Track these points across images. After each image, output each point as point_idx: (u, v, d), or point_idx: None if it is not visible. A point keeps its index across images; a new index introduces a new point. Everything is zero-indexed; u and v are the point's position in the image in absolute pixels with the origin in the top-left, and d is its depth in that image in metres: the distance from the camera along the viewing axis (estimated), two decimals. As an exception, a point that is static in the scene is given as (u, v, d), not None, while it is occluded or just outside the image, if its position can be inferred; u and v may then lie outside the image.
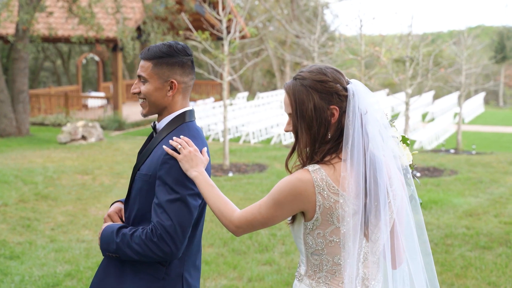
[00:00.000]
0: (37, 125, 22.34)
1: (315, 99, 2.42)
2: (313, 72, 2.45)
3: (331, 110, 2.43)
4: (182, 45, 2.90)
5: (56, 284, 6.21)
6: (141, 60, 2.88)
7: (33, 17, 18.06)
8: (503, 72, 46.20)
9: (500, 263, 6.89)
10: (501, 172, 12.72)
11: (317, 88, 2.42)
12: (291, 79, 2.52)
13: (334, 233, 2.39)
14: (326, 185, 2.38)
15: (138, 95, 2.92)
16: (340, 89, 2.43)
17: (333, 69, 2.47)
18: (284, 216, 2.46)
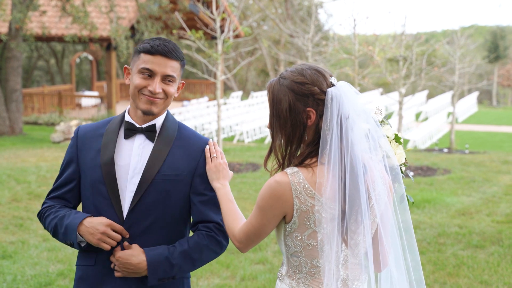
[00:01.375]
0: (30, 124, 22.28)
1: (291, 100, 2.39)
2: (294, 73, 2.43)
3: (307, 113, 2.39)
4: None
5: (49, 283, 6.20)
6: (166, 58, 2.72)
7: (26, 16, 18.03)
8: (496, 72, 46.37)
9: (492, 262, 6.91)
10: (494, 171, 12.76)
11: (293, 89, 2.39)
12: (276, 77, 2.51)
13: (311, 236, 2.38)
14: (303, 188, 2.35)
15: (159, 95, 2.74)
16: (317, 92, 2.38)
17: (316, 70, 2.42)
18: (272, 223, 2.41)
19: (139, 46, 2.79)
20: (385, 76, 14.40)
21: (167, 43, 2.75)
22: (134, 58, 2.79)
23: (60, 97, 23.93)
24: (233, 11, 17.59)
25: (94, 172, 2.76)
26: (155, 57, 2.73)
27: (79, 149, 2.83)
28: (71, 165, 2.84)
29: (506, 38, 46.36)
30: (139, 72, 2.74)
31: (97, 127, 2.88)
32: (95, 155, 2.79)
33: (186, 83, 31.47)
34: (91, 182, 2.77)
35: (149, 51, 2.73)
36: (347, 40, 17.72)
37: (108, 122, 2.89)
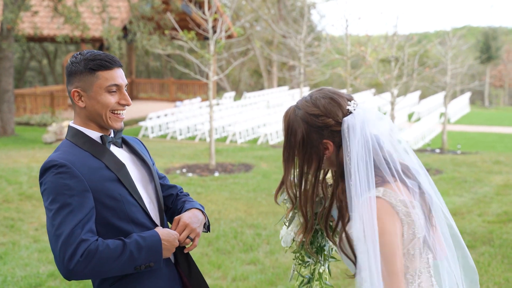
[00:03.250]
0: (22, 125, 22.21)
1: (305, 132, 2.32)
2: (308, 103, 2.34)
3: (324, 144, 2.32)
4: None
5: (39, 284, 6.18)
6: (118, 69, 2.73)
7: (18, 16, 17.97)
8: (488, 72, 46.54)
9: (483, 262, 6.93)
10: (485, 172, 12.80)
11: (307, 121, 2.32)
12: (292, 105, 2.42)
13: (415, 244, 2.30)
14: (400, 202, 2.27)
15: (124, 107, 2.78)
16: (332, 124, 2.30)
17: (331, 99, 2.32)
18: (400, 247, 2.27)
19: (89, 65, 2.67)
20: (377, 77, 14.42)
21: (109, 54, 2.73)
22: (88, 79, 2.68)
23: (53, 97, 23.87)
24: (226, 11, 17.58)
25: (113, 186, 2.69)
26: (114, 70, 2.71)
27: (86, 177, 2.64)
28: (86, 194, 2.62)
29: (498, 39, 46.51)
30: (108, 91, 2.69)
31: (77, 153, 2.72)
32: (103, 172, 2.70)
33: (179, 84, 31.42)
34: (114, 196, 2.69)
35: (106, 66, 2.68)
36: (340, 41, 17.74)
37: (69, 146, 2.73)
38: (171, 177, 12.08)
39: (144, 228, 2.73)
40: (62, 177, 2.57)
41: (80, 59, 2.70)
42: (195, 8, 14.35)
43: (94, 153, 2.70)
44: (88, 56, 2.69)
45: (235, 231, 8.13)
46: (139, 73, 39.43)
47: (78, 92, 2.70)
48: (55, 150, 2.73)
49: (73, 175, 2.59)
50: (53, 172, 2.58)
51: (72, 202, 2.54)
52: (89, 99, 2.69)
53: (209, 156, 13.31)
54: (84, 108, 2.71)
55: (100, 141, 2.75)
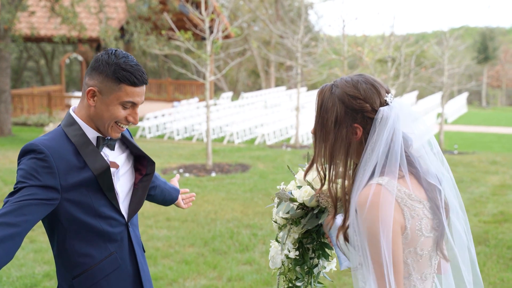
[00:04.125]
0: (19, 125, 22.19)
1: (339, 112, 2.23)
2: (348, 83, 2.25)
3: (354, 128, 2.23)
4: None
5: (34, 284, 6.17)
6: (143, 86, 2.68)
7: (15, 16, 17.95)
8: (485, 73, 46.59)
9: (478, 261, 6.91)
10: (482, 172, 12.82)
11: (344, 101, 2.23)
12: (329, 83, 2.33)
13: (424, 244, 2.20)
14: (405, 194, 2.18)
15: (129, 124, 2.74)
16: (368, 109, 2.21)
17: (372, 85, 2.24)
18: (399, 242, 2.15)
19: (118, 73, 2.61)
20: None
21: (141, 68, 2.67)
22: (110, 85, 2.62)
23: (50, 98, 23.85)
24: (223, 11, 17.60)
25: (87, 186, 2.67)
26: (139, 88, 2.66)
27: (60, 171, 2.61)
28: (48, 190, 2.58)
29: (495, 39, 46.58)
30: (122, 105, 2.65)
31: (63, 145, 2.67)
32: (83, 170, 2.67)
33: (176, 84, 31.41)
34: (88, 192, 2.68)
35: (134, 83, 2.63)
36: (337, 41, 17.75)
37: (59, 135, 2.69)
38: (168, 177, 12.08)
39: (112, 220, 2.72)
40: (36, 163, 2.54)
41: (112, 62, 2.62)
42: (192, 8, 14.35)
43: (80, 149, 2.66)
44: (121, 63, 2.62)
45: (231, 231, 8.13)
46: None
47: (94, 91, 2.64)
48: (45, 135, 2.69)
49: (48, 165, 2.55)
50: (31, 156, 2.56)
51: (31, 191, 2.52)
52: (101, 103, 2.64)
53: (206, 156, 13.32)
54: (92, 107, 2.67)
55: (95, 141, 2.71)
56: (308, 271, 2.70)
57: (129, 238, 2.82)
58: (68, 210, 2.62)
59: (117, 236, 2.75)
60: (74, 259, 2.69)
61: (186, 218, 8.78)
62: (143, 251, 2.96)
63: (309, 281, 2.72)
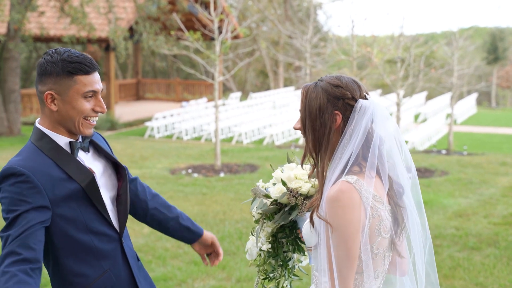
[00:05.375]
0: (29, 125, 22.26)
1: (322, 100, 2.40)
2: (332, 77, 2.46)
3: (334, 115, 2.39)
4: None
5: (44, 285, 6.19)
6: (96, 73, 2.62)
7: (25, 16, 18.02)
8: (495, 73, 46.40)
9: (488, 264, 6.91)
10: (491, 173, 12.76)
11: (327, 90, 2.40)
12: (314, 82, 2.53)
13: (380, 244, 2.33)
14: (370, 194, 2.31)
15: (98, 114, 2.66)
16: (348, 96, 2.39)
17: (354, 81, 2.44)
18: (357, 241, 2.29)
19: (67, 67, 2.54)
20: (384, 78, 14.40)
21: (88, 56, 2.61)
22: (64, 82, 2.55)
23: (59, 97, 23.92)
24: (232, 12, 17.60)
25: (75, 197, 2.60)
26: (93, 75, 2.60)
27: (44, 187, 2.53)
28: (41, 209, 2.50)
29: (505, 39, 46.37)
30: (84, 97, 2.58)
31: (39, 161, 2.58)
32: (65, 182, 2.58)
33: (185, 84, 31.45)
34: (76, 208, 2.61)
35: (86, 70, 2.57)
36: (346, 42, 17.72)
37: (33, 151, 2.61)
38: (176, 178, 12.10)
39: (104, 236, 2.66)
40: (21, 187, 2.47)
41: (57, 59, 2.55)
42: (201, 9, 14.36)
43: (58, 162, 2.58)
44: (66, 57, 2.56)
45: (240, 232, 8.13)
46: (145, 73, 39.50)
47: (52, 94, 2.57)
48: (17, 154, 2.61)
49: (32, 185, 2.48)
50: (11, 181, 2.48)
51: (26, 216, 2.44)
52: (63, 103, 2.58)
53: (215, 156, 13.32)
54: (55, 112, 2.59)
55: (68, 147, 2.63)
56: (282, 264, 2.82)
57: (123, 253, 2.74)
58: (59, 227, 2.56)
59: (111, 253, 2.68)
60: (69, 278, 2.62)
61: (195, 218, 8.79)
62: (138, 261, 2.88)
63: (282, 273, 2.83)
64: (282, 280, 2.84)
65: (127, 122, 22.98)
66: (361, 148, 2.34)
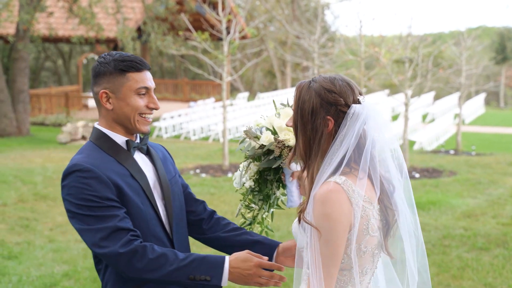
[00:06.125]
0: (37, 125, 22.37)
1: (315, 104, 2.38)
2: (325, 79, 2.42)
3: (326, 120, 2.38)
4: None
5: (54, 284, 6.23)
6: (147, 71, 2.70)
7: (34, 17, 18.10)
8: (503, 73, 46.20)
9: (496, 264, 6.90)
10: (500, 173, 12.72)
11: (320, 94, 2.38)
12: (307, 80, 2.51)
13: (368, 242, 2.36)
14: (358, 195, 2.33)
15: (152, 111, 2.72)
16: (341, 103, 2.37)
17: (348, 83, 2.41)
18: (344, 240, 2.33)
19: (119, 66, 2.62)
20: (391, 78, 14.38)
21: (138, 56, 2.69)
22: (117, 80, 2.62)
23: (67, 98, 24.02)
24: (240, 12, 17.61)
25: (137, 195, 2.64)
26: (144, 73, 2.67)
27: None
28: (112, 202, 2.56)
29: (513, 39, 46.16)
30: (137, 93, 2.64)
31: (99, 158, 2.64)
32: (127, 180, 2.63)
33: (193, 84, 31.50)
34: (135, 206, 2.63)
35: (137, 67, 2.64)
36: (353, 42, 17.71)
37: (93, 149, 2.67)
38: (184, 178, 12.11)
39: (161, 243, 2.65)
40: (89, 182, 2.52)
41: (110, 60, 2.64)
42: (209, 9, 14.39)
43: (118, 159, 2.64)
44: (118, 57, 2.64)
45: (248, 232, 8.13)
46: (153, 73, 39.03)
47: (107, 93, 2.64)
48: (78, 152, 2.66)
49: (99, 179, 2.53)
50: (78, 176, 2.53)
51: (99, 213, 2.50)
52: (118, 101, 2.64)
53: (223, 156, 13.34)
54: (111, 110, 2.66)
55: (125, 146, 2.69)
56: (263, 198, 2.95)
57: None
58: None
59: None
60: (122, 279, 2.62)
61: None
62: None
63: (262, 206, 2.97)
64: (261, 213, 2.97)
65: (135, 122, 23.02)
66: (352, 152, 2.35)
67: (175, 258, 2.49)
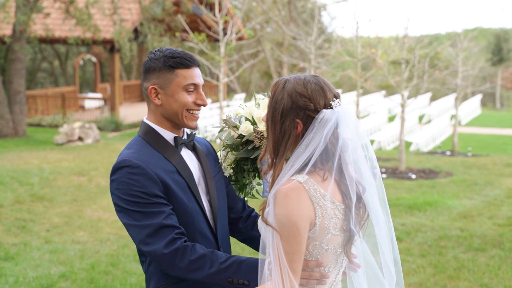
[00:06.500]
0: (34, 126, 22.34)
1: (286, 105, 2.39)
2: (299, 81, 2.42)
3: (295, 123, 2.39)
4: None
5: (50, 285, 6.23)
6: (196, 68, 2.73)
7: (30, 18, 18.07)
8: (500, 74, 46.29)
9: (493, 265, 6.92)
10: (496, 174, 12.75)
11: (292, 97, 2.39)
12: (285, 78, 2.51)
13: (330, 241, 2.38)
14: (320, 194, 2.35)
15: (200, 107, 2.76)
16: (311, 108, 2.38)
17: (321, 87, 2.41)
18: (305, 237, 2.35)
19: (168, 62, 2.66)
20: (388, 79, 14.40)
21: (188, 53, 2.71)
22: (166, 76, 2.67)
23: (64, 99, 23.99)
24: (236, 13, 17.61)
25: (184, 191, 2.67)
26: (193, 70, 2.70)
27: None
28: (160, 199, 2.60)
29: (509, 40, 46.28)
30: (185, 89, 2.68)
31: (147, 154, 2.67)
32: (173, 176, 2.66)
33: (190, 85, 31.46)
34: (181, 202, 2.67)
35: (186, 64, 2.68)
36: (350, 43, 17.72)
37: (142, 144, 2.71)
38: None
39: (206, 239, 2.69)
40: (137, 179, 2.56)
41: (159, 56, 2.68)
42: (205, 10, 14.38)
43: (166, 155, 2.68)
44: (168, 54, 2.68)
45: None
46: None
47: (156, 89, 2.68)
48: (127, 147, 2.70)
49: (148, 176, 2.57)
50: (127, 171, 2.57)
51: (146, 209, 2.54)
52: (166, 97, 2.68)
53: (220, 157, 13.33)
54: (160, 106, 2.70)
55: (173, 142, 2.73)
56: (240, 188, 3.03)
57: None
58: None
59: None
60: (164, 276, 2.67)
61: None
62: None
63: (238, 194, 3.05)
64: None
65: (132, 123, 23.02)
66: (319, 155, 2.35)
67: (215, 260, 2.53)
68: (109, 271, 6.64)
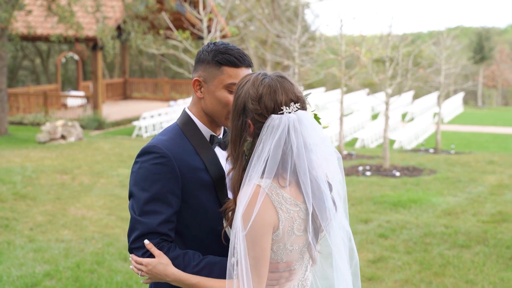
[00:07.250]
0: (15, 124, 22.14)
1: (239, 105, 2.39)
2: (256, 81, 2.38)
3: (247, 123, 2.38)
4: None
5: (35, 284, 6.17)
6: (246, 69, 2.61)
7: (12, 15, 17.90)
8: (481, 73, 46.71)
9: (477, 261, 6.96)
10: (479, 172, 12.84)
11: (244, 97, 2.37)
12: (259, 71, 2.46)
13: (294, 242, 2.38)
14: (282, 198, 2.34)
15: None
16: (258, 112, 2.34)
17: (275, 91, 2.34)
18: (269, 241, 2.35)
19: (217, 57, 2.58)
20: (372, 77, 14.46)
21: (242, 51, 2.62)
22: (212, 70, 2.59)
23: (46, 97, 23.80)
24: (220, 11, 17.57)
25: (205, 191, 2.60)
26: (241, 70, 2.59)
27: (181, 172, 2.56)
28: (175, 197, 2.55)
29: (491, 39, 46.69)
30: (226, 88, 2.58)
31: (180, 144, 2.62)
32: (201, 174, 2.60)
33: (173, 83, 31.40)
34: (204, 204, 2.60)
35: (234, 63, 2.57)
36: (334, 41, 17.76)
37: (177, 133, 2.65)
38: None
39: (218, 240, 2.57)
40: (160, 169, 2.52)
41: (212, 49, 2.60)
42: (189, 8, 14.33)
43: (198, 150, 2.61)
44: (221, 48, 2.59)
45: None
46: (132, 72, 39.37)
47: (199, 81, 2.62)
48: (162, 133, 2.65)
49: (171, 169, 2.52)
50: (153, 157, 2.53)
51: (160, 197, 2.50)
52: (208, 92, 2.61)
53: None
54: (201, 99, 2.63)
55: (209, 139, 2.66)
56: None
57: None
58: (183, 216, 2.57)
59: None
60: None
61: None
62: None
63: None
64: None
65: (115, 121, 22.90)
66: (281, 158, 2.32)
67: (188, 263, 2.48)
68: (94, 269, 6.59)
